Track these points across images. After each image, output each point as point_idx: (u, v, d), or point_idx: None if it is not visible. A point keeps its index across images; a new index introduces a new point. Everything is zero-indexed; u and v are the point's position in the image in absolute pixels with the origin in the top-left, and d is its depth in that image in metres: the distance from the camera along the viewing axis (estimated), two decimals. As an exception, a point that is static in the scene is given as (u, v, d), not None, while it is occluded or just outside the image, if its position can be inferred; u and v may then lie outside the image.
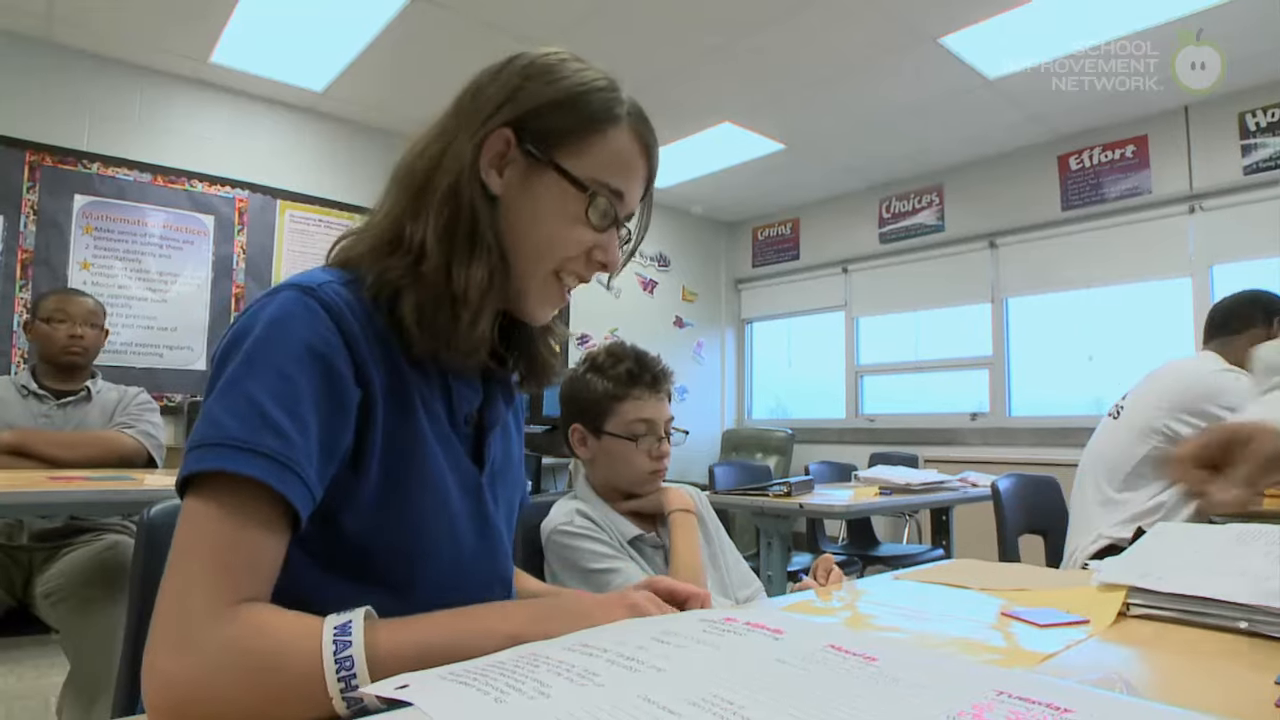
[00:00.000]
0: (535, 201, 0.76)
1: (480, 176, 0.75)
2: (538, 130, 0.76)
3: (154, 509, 0.98)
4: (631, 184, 0.80)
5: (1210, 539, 1.09)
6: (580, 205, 0.76)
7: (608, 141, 0.77)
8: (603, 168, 0.77)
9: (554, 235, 0.76)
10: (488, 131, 0.75)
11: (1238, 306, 2.23)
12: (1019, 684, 0.41)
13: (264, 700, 0.53)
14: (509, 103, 0.76)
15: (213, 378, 0.66)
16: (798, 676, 0.41)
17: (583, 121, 0.76)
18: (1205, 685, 0.69)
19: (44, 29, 3.82)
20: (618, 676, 0.39)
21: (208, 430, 0.60)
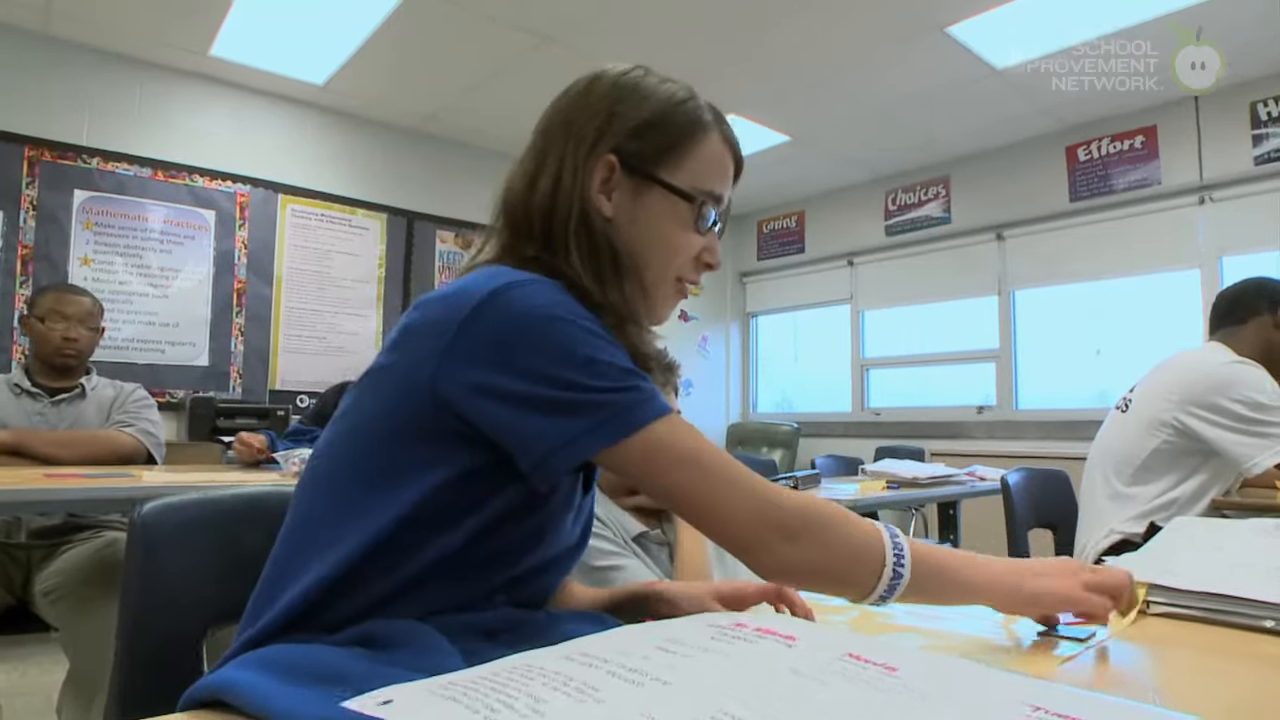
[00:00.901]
0: (647, 217, 0.80)
1: (591, 203, 0.78)
2: (637, 151, 0.79)
3: (146, 507, 0.94)
4: (727, 187, 0.84)
5: (1229, 533, 1.06)
6: (689, 214, 0.80)
7: (701, 150, 0.81)
8: (701, 176, 0.81)
9: (670, 246, 0.81)
10: (595, 161, 0.79)
11: (1242, 295, 2.19)
12: (1055, 699, 0.38)
13: (843, 558, 0.69)
14: (607, 131, 0.79)
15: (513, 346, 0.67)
16: (814, 690, 0.38)
17: (677, 135, 0.80)
18: (1237, 691, 0.66)
19: (42, 22, 3.80)
20: (619, 691, 0.36)
21: (611, 393, 0.66)
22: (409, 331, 0.71)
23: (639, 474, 0.68)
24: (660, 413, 0.68)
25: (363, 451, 0.70)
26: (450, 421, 0.67)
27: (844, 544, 0.69)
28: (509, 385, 0.65)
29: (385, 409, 0.70)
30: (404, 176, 5.08)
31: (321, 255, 4.76)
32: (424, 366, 0.67)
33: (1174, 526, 1.12)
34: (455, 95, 4.57)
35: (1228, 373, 1.99)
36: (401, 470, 0.68)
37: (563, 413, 0.65)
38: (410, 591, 0.69)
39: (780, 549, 0.67)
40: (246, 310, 4.47)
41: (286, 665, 0.58)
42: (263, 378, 4.51)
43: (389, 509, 0.67)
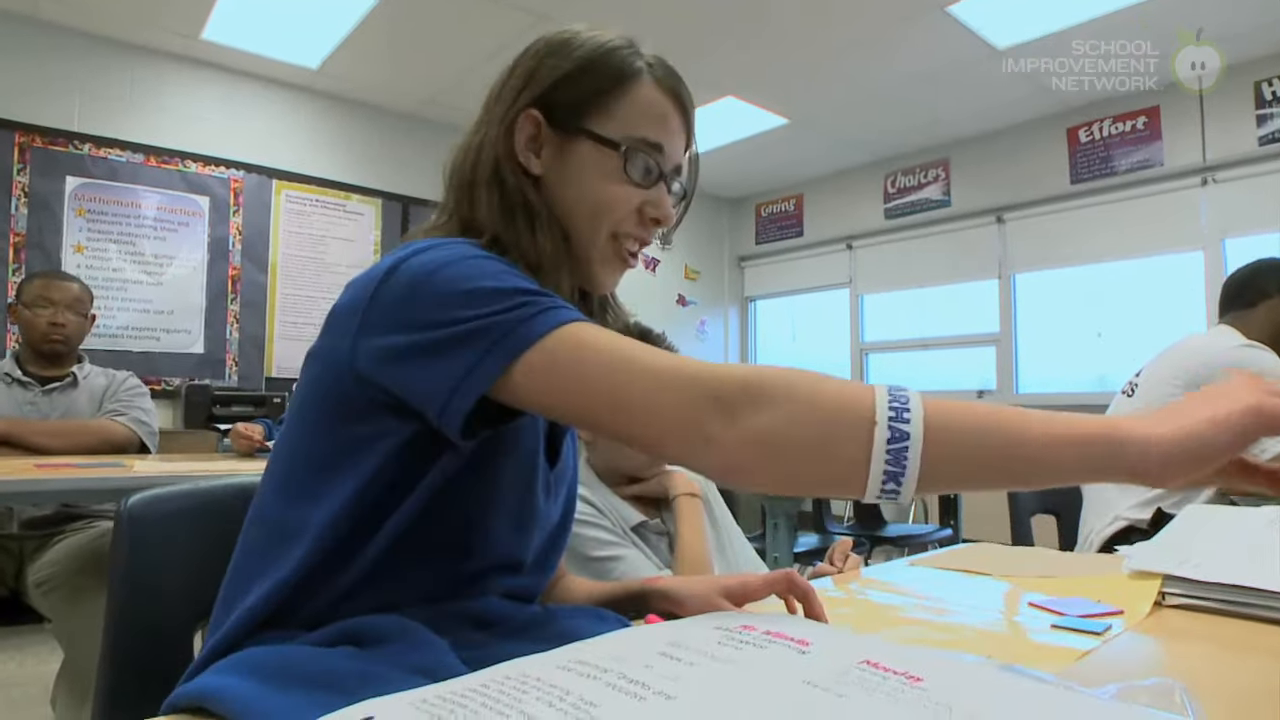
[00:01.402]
0: (576, 171, 0.76)
1: (519, 161, 0.76)
2: (562, 103, 0.76)
3: (134, 497, 0.92)
4: (668, 135, 0.78)
5: (1243, 522, 1.03)
6: (617, 164, 0.75)
7: (632, 97, 0.76)
8: (633, 123, 0.76)
9: (600, 199, 0.76)
10: (514, 116, 0.76)
11: (1253, 277, 2.15)
12: (1091, 712, 0.35)
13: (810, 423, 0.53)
14: (529, 85, 0.77)
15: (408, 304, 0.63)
16: (831, 704, 0.35)
17: (603, 82, 0.76)
18: (1256, 684, 0.63)
19: (30, 6, 3.74)
20: (620, 706, 0.34)
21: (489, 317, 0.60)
22: (333, 314, 0.69)
23: (548, 399, 0.60)
24: (559, 322, 0.60)
25: (306, 437, 0.69)
26: (374, 394, 0.64)
27: (809, 404, 0.54)
28: (404, 341, 0.61)
29: (318, 393, 0.69)
30: (399, 161, 5.03)
31: (316, 241, 4.72)
32: (342, 346, 0.65)
33: (1187, 515, 1.10)
34: (451, 78, 4.52)
35: (1236, 356, 1.96)
36: (343, 452, 0.66)
37: (450, 349, 0.60)
38: (379, 579, 0.66)
39: (721, 432, 0.53)
40: (241, 297, 4.43)
41: (272, 669, 0.56)
42: (258, 365, 4.48)
43: (338, 493, 0.65)
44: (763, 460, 0.53)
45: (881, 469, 0.50)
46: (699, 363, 0.58)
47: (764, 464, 0.54)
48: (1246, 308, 2.12)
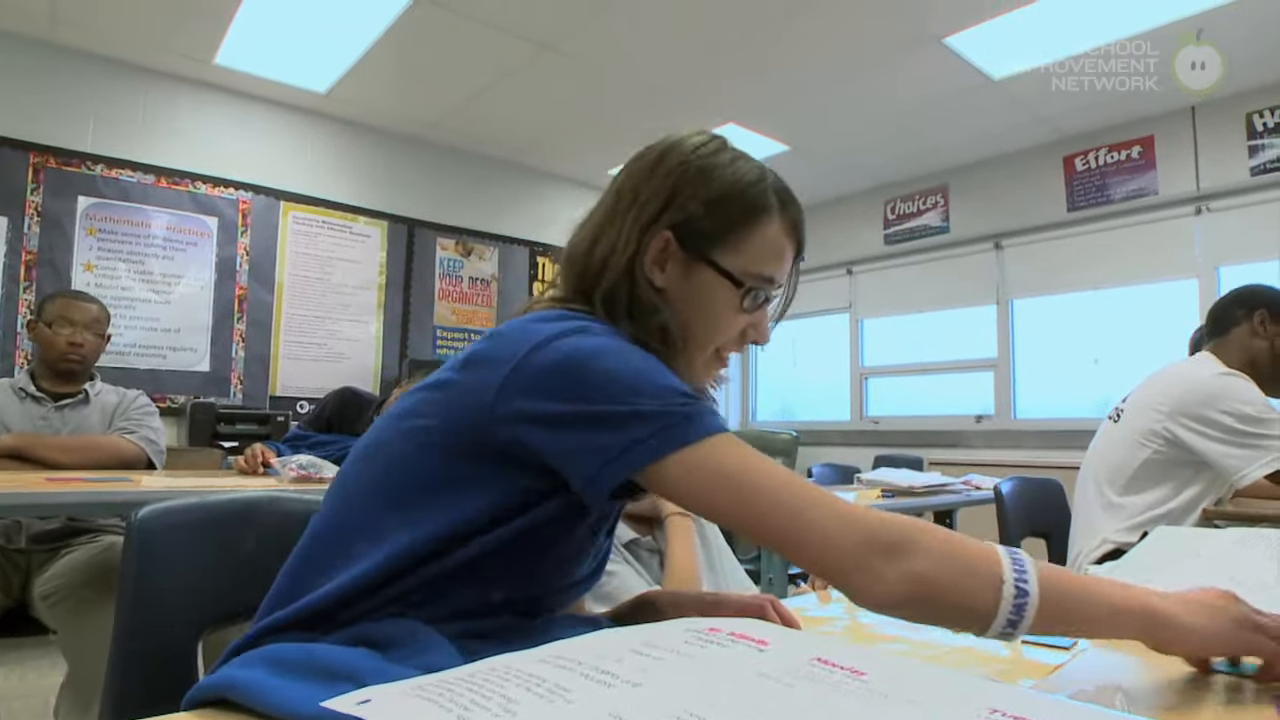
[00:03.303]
0: (696, 293, 0.82)
1: (645, 272, 0.81)
2: (694, 231, 0.81)
3: (143, 511, 0.95)
4: (781, 268, 0.86)
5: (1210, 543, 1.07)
6: (736, 297, 0.82)
7: (759, 234, 0.83)
8: (756, 260, 0.83)
9: (712, 324, 0.83)
10: (652, 234, 0.81)
11: (1223, 306, 2.22)
12: (1012, 701, 0.39)
13: (955, 571, 0.63)
14: (668, 209, 0.82)
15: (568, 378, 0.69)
16: (780, 693, 0.39)
17: (736, 220, 0.82)
18: (1206, 698, 0.67)
19: (47, 30, 3.83)
20: (590, 692, 0.38)
21: (660, 408, 0.67)
22: (477, 356, 0.74)
23: (704, 495, 0.67)
24: (718, 428, 0.68)
25: (421, 459, 0.73)
26: (505, 444, 0.70)
27: (953, 556, 0.64)
28: (561, 410, 0.67)
29: (447, 425, 0.73)
30: (405, 184, 5.11)
31: (323, 262, 4.79)
32: (486, 391, 0.70)
33: (1156, 536, 1.13)
34: (457, 103, 4.60)
35: (1217, 385, 2.00)
36: (455, 480, 0.71)
37: (616, 426, 0.66)
38: (428, 595, 0.71)
39: (884, 568, 0.62)
40: (248, 316, 4.49)
41: (293, 663, 0.59)
42: (263, 384, 4.53)
43: (439, 516, 0.70)
44: (916, 597, 0.63)
45: (1006, 617, 0.62)
46: (848, 503, 0.66)
47: (916, 599, 0.63)
48: (1221, 335, 2.17)
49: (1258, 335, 2.10)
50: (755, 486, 0.66)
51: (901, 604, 0.63)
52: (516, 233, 5.60)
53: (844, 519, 0.64)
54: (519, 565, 0.75)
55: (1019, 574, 0.62)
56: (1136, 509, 2.05)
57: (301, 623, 0.69)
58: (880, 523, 0.64)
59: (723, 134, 0.88)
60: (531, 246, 5.67)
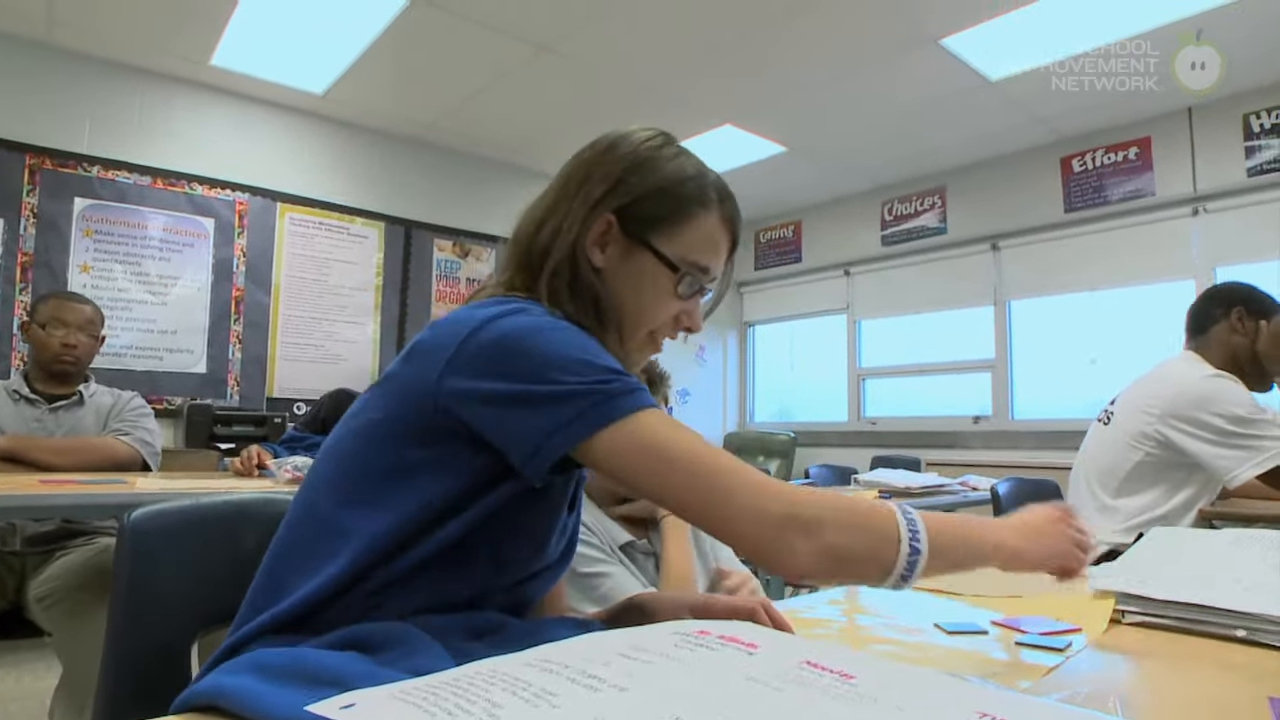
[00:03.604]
0: (633, 276, 0.86)
1: (585, 252, 0.85)
2: (636, 216, 0.86)
3: (136, 512, 0.94)
4: (717, 259, 0.90)
5: (1206, 544, 1.07)
6: (671, 282, 0.86)
7: (697, 225, 0.87)
8: (692, 248, 0.87)
9: (648, 306, 0.87)
10: (595, 217, 0.85)
11: (1202, 305, 2.26)
12: (1001, 705, 0.39)
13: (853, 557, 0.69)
14: (612, 193, 0.86)
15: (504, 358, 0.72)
16: (768, 696, 0.39)
17: (676, 209, 0.86)
18: (1200, 699, 0.67)
19: (44, 32, 3.82)
20: (576, 696, 0.38)
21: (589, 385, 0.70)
22: (419, 347, 0.77)
23: (630, 470, 0.70)
24: (645, 404, 0.71)
25: (372, 452, 0.75)
26: (454, 426, 0.72)
27: (859, 528, 0.69)
28: (498, 388, 0.70)
29: (394, 414, 0.75)
30: (402, 185, 5.10)
31: (320, 263, 4.78)
32: (427, 377, 0.73)
33: (1151, 537, 1.13)
34: (453, 104, 4.60)
35: (1208, 387, 2.02)
36: (410, 468, 0.73)
37: (546, 405, 0.69)
38: (408, 589, 0.72)
39: (800, 546, 0.67)
40: (244, 318, 4.48)
41: (280, 669, 0.59)
42: (260, 385, 4.52)
43: (400, 504, 0.72)
44: (828, 567, 0.68)
45: (900, 574, 0.69)
46: (770, 480, 0.70)
47: (827, 570, 0.69)
48: (1201, 334, 2.21)
49: (1236, 332, 2.14)
50: (676, 460, 0.69)
51: (815, 574, 0.69)
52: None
53: (763, 495, 0.68)
54: (488, 550, 0.76)
55: (913, 535, 0.69)
56: (1131, 511, 2.05)
57: (285, 626, 0.70)
58: (795, 499, 0.68)
59: (668, 131, 0.92)
60: (529, 248, 5.65)
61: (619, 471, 0.70)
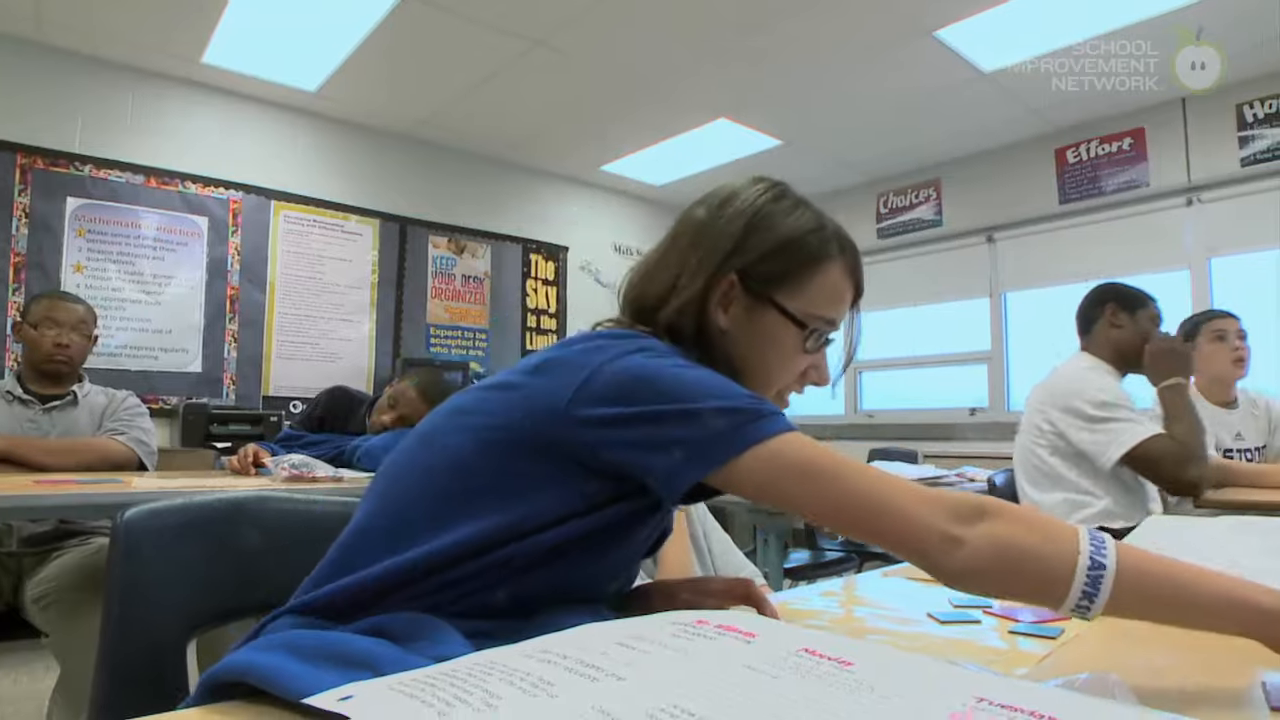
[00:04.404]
0: (759, 334, 0.85)
1: (709, 314, 0.84)
2: (759, 274, 0.85)
3: (129, 512, 0.94)
4: (841, 310, 0.89)
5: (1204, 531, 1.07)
6: (799, 338, 0.86)
7: (821, 278, 0.86)
8: (817, 302, 0.86)
9: (776, 364, 0.86)
10: (718, 279, 0.84)
11: (1083, 308, 2.41)
12: (999, 690, 0.39)
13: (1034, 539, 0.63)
14: (735, 253, 0.84)
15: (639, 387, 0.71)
16: (766, 684, 0.39)
17: (799, 264, 0.85)
18: (1197, 685, 0.67)
19: (33, 30, 3.80)
20: (575, 686, 0.37)
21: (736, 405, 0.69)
22: (550, 363, 0.76)
23: (780, 487, 0.69)
24: (788, 426, 0.71)
25: (483, 455, 0.74)
26: (573, 448, 0.71)
27: (1032, 523, 0.65)
28: (635, 410, 0.70)
29: (515, 423, 0.74)
30: (397, 182, 5.09)
31: (314, 261, 4.77)
32: (559, 395, 0.72)
33: (1149, 524, 1.13)
34: (447, 100, 4.59)
35: (1078, 378, 2.20)
36: (520, 478, 0.72)
37: (692, 421, 0.68)
38: (471, 589, 0.72)
39: (966, 532, 0.64)
40: (240, 316, 4.47)
41: (310, 650, 0.58)
42: (256, 384, 4.51)
43: (505, 510, 0.71)
44: (995, 560, 0.63)
45: (1080, 589, 0.61)
46: (928, 488, 0.68)
47: (998, 563, 0.64)
48: (1086, 334, 2.36)
49: (1113, 326, 2.27)
50: (832, 477, 0.68)
51: (984, 568, 0.64)
52: (509, 230, 5.58)
53: (922, 496, 0.66)
54: (557, 572, 0.75)
55: (1095, 547, 0.62)
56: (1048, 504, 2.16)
57: (316, 609, 0.70)
58: (958, 497, 0.66)
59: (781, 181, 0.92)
60: (524, 243, 5.65)
61: (769, 490, 0.69)
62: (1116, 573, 0.61)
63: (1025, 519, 0.65)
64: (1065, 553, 0.62)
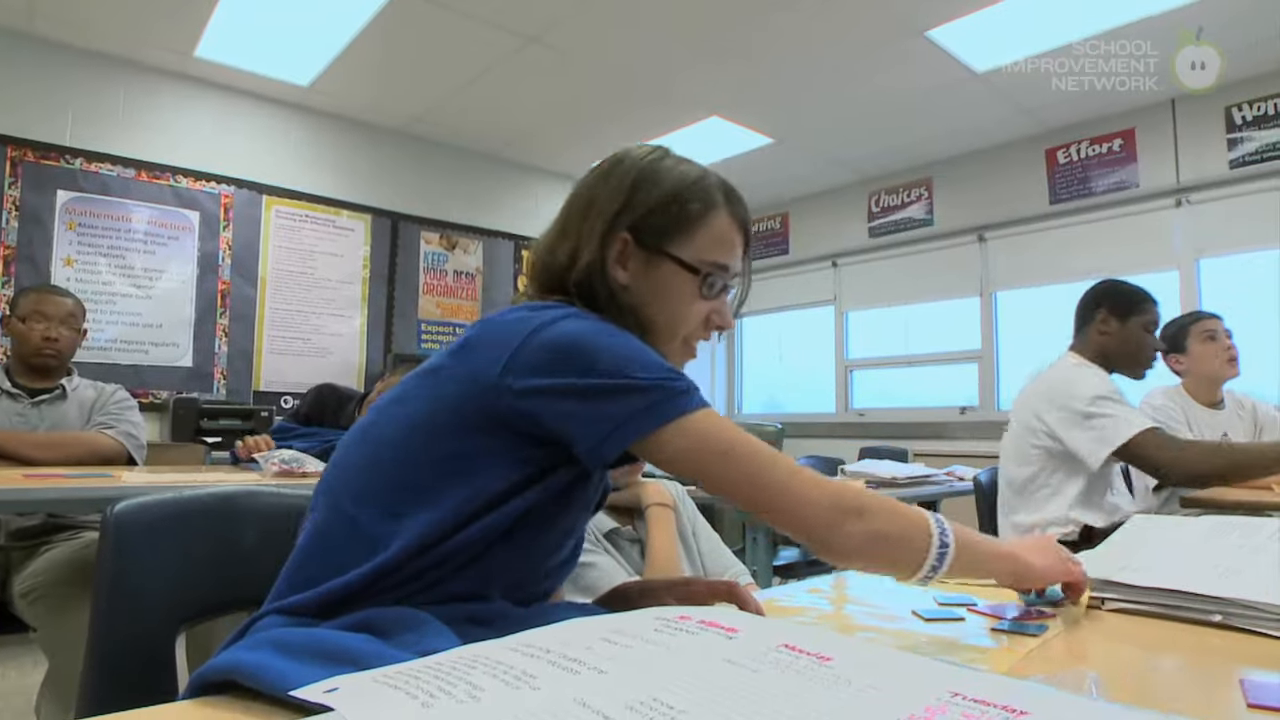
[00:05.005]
0: (658, 287, 0.89)
1: (610, 273, 0.88)
2: (650, 228, 0.88)
3: (118, 505, 0.94)
4: (734, 256, 0.93)
5: (1186, 531, 1.08)
6: (695, 285, 0.89)
7: (708, 226, 0.90)
8: (708, 249, 0.90)
9: (678, 313, 0.90)
10: (611, 238, 0.88)
11: (1080, 306, 2.39)
12: (974, 684, 0.40)
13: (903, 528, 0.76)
14: (624, 211, 0.88)
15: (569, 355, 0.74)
16: (745, 678, 0.39)
17: (686, 215, 0.89)
18: (1175, 681, 0.68)
19: (25, 22, 3.78)
20: (556, 679, 0.38)
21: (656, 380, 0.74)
22: (473, 342, 0.79)
23: (693, 461, 0.74)
24: (705, 403, 0.76)
25: (418, 442, 0.77)
26: (511, 418, 0.74)
27: (901, 515, 0.76)
28: (565, 382, 0.73)
29: (447, 405, 0.77)
30: (389, 177, 5.08)
31: (306, 256, 4.76)
32: (489, 370, 0.75)
33: (1133, 524, 1.14)
34: (440, 96, 4.58)
35: (1069, 376, 2.20)
36: (460, 459, 0.75)
37: (616, 397, 0.73)
38: (438, 577, 0.74)
39: (852, 527, 0.73)
40: (231, 311, 4.46)
41: (298, 647, 0.60)
42: (247, 378, 4.50)
43: (447, 498, 0.74)
44: (872, 550, 0.76)
45: (931, 565, 0.76)
46: (824, 476, 0.77)
47: (872, 554, 0.76)
48: (1079, 333, 2.35)
49: (1101, 334, 2.27)
50: (742, 456, 0.74)
51: (862, 555, 0.76)
52: (501, 226, 5.58)
53: (818, 486, 0.75)
54: (519, 543, 0.78)
55: (942, 531, 0.76)
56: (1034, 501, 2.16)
57: (315, 609, 0.71)
58: (843, 489, 0.76)
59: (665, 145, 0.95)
60: (516, 240, 5.65)
61: (680, 462, 0.74)
62: (955, 549, 0.76)
63: (889, 511, 0.76)
64: (921, 536, 0.76)
